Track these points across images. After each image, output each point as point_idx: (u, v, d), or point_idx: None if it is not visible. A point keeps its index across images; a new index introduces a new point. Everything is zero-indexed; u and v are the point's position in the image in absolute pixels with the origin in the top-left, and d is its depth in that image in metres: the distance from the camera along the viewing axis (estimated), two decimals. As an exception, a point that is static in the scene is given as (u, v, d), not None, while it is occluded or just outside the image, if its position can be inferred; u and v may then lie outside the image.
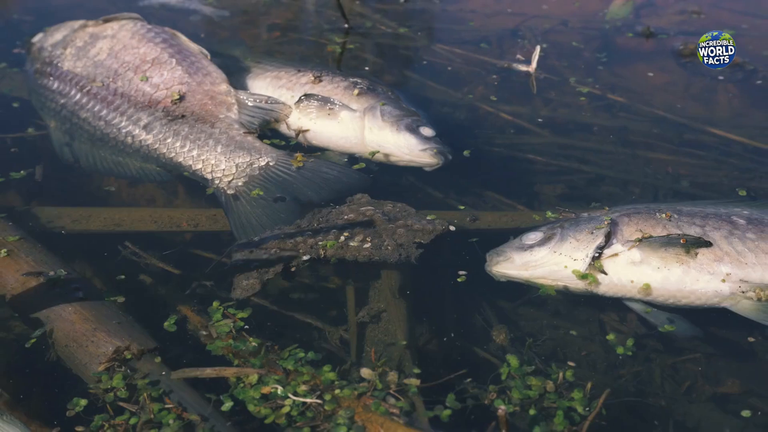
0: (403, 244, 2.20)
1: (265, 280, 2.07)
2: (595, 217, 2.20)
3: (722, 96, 3.34)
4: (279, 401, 1.75)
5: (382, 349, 1.93)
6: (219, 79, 2.88)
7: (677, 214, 2.15)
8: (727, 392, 1.94)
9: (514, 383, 1.80)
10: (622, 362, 1.96)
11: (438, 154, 2.54)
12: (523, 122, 3.05)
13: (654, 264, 2.08)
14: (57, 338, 1.90)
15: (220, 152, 2.52)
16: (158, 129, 2.67)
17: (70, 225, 2.38)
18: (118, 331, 1.89)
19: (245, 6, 4.02)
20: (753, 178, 2.65)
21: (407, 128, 2.63)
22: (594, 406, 1.75)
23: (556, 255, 2.14)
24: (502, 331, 2.04)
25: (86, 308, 1.94)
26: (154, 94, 2.82)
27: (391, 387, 1.79)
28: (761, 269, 2.07)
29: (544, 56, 3.51)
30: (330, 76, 2.91)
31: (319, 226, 2.21)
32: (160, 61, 2.93)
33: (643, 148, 2.83)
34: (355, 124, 2.71)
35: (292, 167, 2.43)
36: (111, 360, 1.82)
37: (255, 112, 2.79)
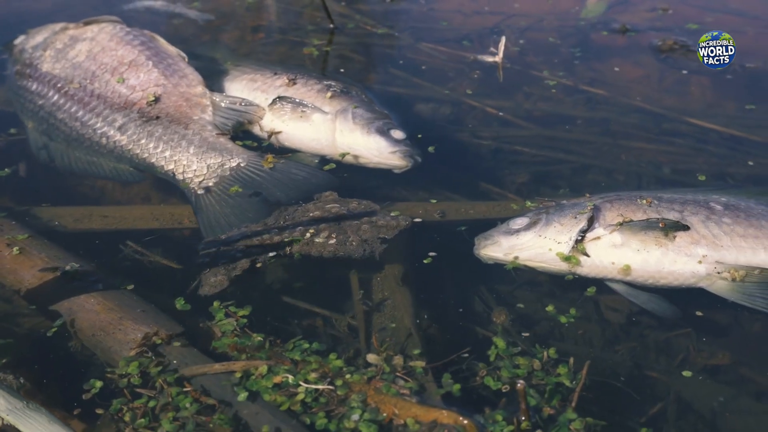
0: (368, 240, 2.26)
1: (232, 276, 2.12)
2: (578, 203, 2.30)
3: (695, 88, 3.51)
4: (292, 389, 1.80)
5: (387, 335, 2.00)
6: (195, 81, 2.94)
7: (657, 200, 2.27)
8: (718, 364, 2.05)
9: (503, 363, 1.89)
10: (618, 339, 2.08)
11: (407, 156, 2.61)
12: (507, 116, 3.19)
13: (634, 246, 2.18)
14: (82, 328, 1.96)
15: (192, 153, 2.57)
16: (132, 130, 2.72)
17: (72, 224, 2.41)
18: (144, 318, 1.96)
19: (229, 9, 4.11)
20: (730, 164, 2.78)
21: (378, 131, 2.69)
22: (579, 379, 1.86)
23: (541, 239, 2.24)
24: (502, 313, 2.12)
25: (109, 299, 2.01)
26: (130, 95, 2.88)
27: (398, 370, 1.85)
28: (735, 251, 2.20)
29: (524, 53, 3.62)
30: (305, 79, 2.99)
31: (285, 224, 2.28)
32: (137, 63, 2.98)
33: (625, 137, 2.92)
34: (327, 127, 2.77)
35: (263, 168, 2.49)
36: (141, 345, 1.91)
37: (229, 114, 2.85)
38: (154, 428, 1.72)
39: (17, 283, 2.09)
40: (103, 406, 1.77)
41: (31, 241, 2.23)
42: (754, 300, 2.09)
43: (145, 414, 1.73)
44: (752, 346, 2.06)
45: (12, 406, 1.59)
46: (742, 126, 3.09)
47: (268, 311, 2.07)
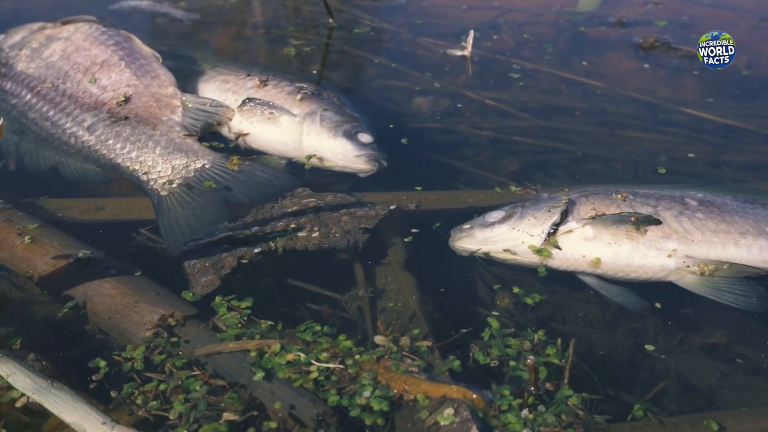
0: (350, 231, 2.40)
1: (222, 275, 2.24)
2: (555, 197, 2.47)
3: (689, 80, 3.74)
4: (304, 368, 1.93)
5: (394, 318, 2.14)
6: (167, 82, 3.07)
7: (633, 195, 2.41)
8: (716, 342, 2.21)
9: (494, 342, 2.04)
10: (618, 320, 2.25)
11: (372, 160, 2.74)
12: (505, 107, 3.38)
13: (605, 240, 2.30)
14: (98, 312, 2.10)
15: (158, 154, 2.69)
16: (101, 130, 2.84)
17: (79, 215, 2.54)
18: (159, 301, 2.10)
19: (215, 9, 4.35)
20: (725, 152, 2.95)
21: (344, 134, 2.81)
22: (567, 357, 2.00)
23: (514, 231, 2.37)
24: (505, 297, 2.29)
25: (123, 283, 2.15)
26: (100, 95, 3.00)
27: (404, 350, 2.00)
28: (706, 246, 2.31)
29: (522, 47, 3.76)
30: (276, 81, 3.12)
31: (265, 220, 2.44)
32: (110, 63, 3.10)
33: (621, 128, 3.07)
34: (294, 129, 2.88)
35: (227, 170, 2.62)
36: (157, 326, 2.03)
37: (198, 115, 2.95)
38: (166, 410, 1.84)
39: (31, 271, 2.23)
40: (117, 389, 1.92)
41: (42, 231, 2.38)
42: (722, 295, 2.24)
43: (157, 397, 1.87)
44: (747, 326, 2.24)
45: (37, 385, 1.67)
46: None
47: (272, 300, 2.23)
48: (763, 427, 1.89)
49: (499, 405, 1.82)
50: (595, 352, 2.09)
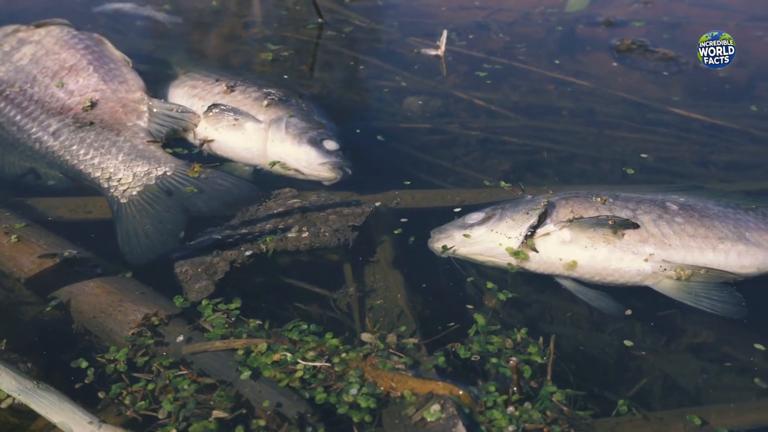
0: (339, 229, 2.48)
1: (216, 280, 2.32)
2: (535, 199, 2.56)
3: (674, 78, 3.84)
4: (291, 367, 1.99)
5: (381, 315, 2.23)
6: (135, 87, 3.15)
7: (614, 199, 2.49)
8: (703, 342, 2.30)
9: (477, 339, 2.13)
10: (605, 321, 2.34)
11: (336, 168, 2.81)
12: (495, 107, 3.48)
13: (582, 243, 2.36)
14: (83, 311, 2.18)
15: (120, 161, 2.77)
16: (65, 136, 2.91)
17: (68, 214, 2.62)
18: (143, 300, 2.19)
19: (198, 12, 4.49)
20: (712, 152, 3.03)
21: (309, 141, 2.86)
22: (548, 354, 2.08)
23: (492, 233, 2.44)
24: (493, 297, 2.39)
25: (108, 282, 2.24)
26: (67, 100, 3.07)
27: (391, 347, 2.08)
28: (683, 251, 2.37)
29: (511, 47, 3.84)
30: (244, 86, 3.17)
31: (252, 222, 2.52)
32: (78, 67, 3.16)
33: (610, 127, 3.15)
34: (259, 136, 2.92)
35: (188, 178, 2.68)
36: (140, 325, 2.11)
37: (164, 121, 3.01)
38: (155, 409, 1.90)
39: (17, 270, 2.32)
40: (105, 390, 1.98)
41: (29, 230, 2.47)
42: (699, 300, 2.32)
43: (145, 396, 1.94)
44: (733, 325, 2.32)
45: (23, 386, 1.69)
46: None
47: (260, 300, 2.30)
48: (747, 420, 1.99)
49: (484, 401, 1.87)
50: (581, 351, 2.26)
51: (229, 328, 2.11)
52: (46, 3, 4.38)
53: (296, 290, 2.36)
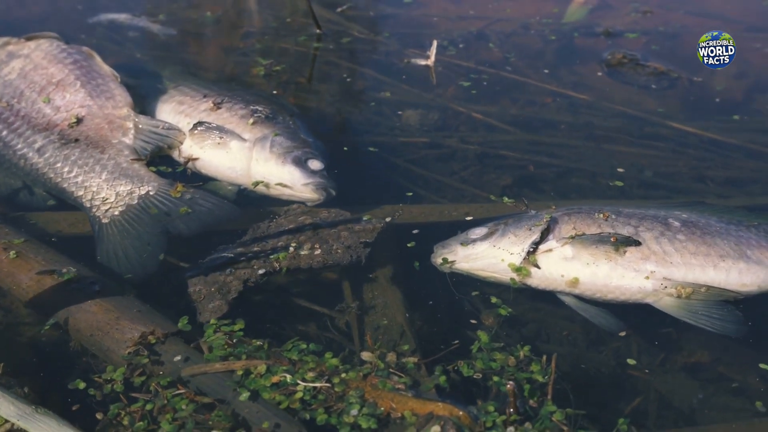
0: (351, 246, 2.51)
1: (230, 299, 2.35)
2: (537, 214, 2.60)
3: (670, 92, 3.89)
4: (291, 388, 2.03)
5: (381, 333, 2.27)
6: (122, 103, 3.18)
7: (616, 215, 2.53)
8: (698, 361, 2.36)
9: (481, 355, 2.17)
10: (602, 339, 2.39)
11: (319, 189, 2.83)
12: (493, 120, 3.53)
13: (584, 260, 2.40)
14: (81, 329, 2.22)
15: (103, 179, 2.80)
16: (50, 153, 2.94)
17: (67, 229, 2.67)
18: (140, 318, 2.23)
19: (193, 23, 4.55)
20: (709, 167, 2.98)
21: (293, 161, 2.88)
22: (550, 373, 2.11)
23: (495, 249, 2.48)
24: (490, 316, 2.44)
25: (106, 300, 2.28)
26: (53, 116, 3.10)
27: (391, 366, 2.12)
28: (684, 268, 2.41)
29: (509, 57, 3.88)
30: (231, 103, 3.18)
31: (264, 241, 2.55)
32: (65, 83, 3.19)
33: (607, 141, 3.15)
34: (243, 155, 2.94)
35: (170, 198, 2.71)
36: (137, 344, 2.14)
37: (150, 138, 3.03)
38: (154, 430, 1.93)
39: (15, 287, 2.36)
40: (103, 410, 2.01)
41: (28, 245, 2.51)
42: (698, 318, 2.36)
43: (144, 417, 1.98)
44: (730, 345, 2.38)
45: (22, 411, 1.72)
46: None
47: (261, 319, 2.34)
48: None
49: (483, 421, 1.90)
50: (579, 371, 2.29)
51: (229, 348, 2.16)
52: (41, 13, 4.47)
53: (296, 307, 2.41)
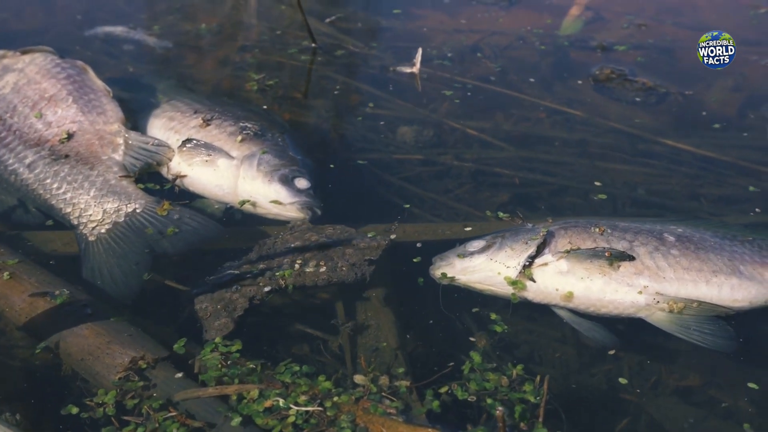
0: (356, 263, 2.53)
1: (235, 317, 2.37)
2: (534, 228, 2.64)
3: (659, 107, 3.88)
4: (283, 412, 2.04)
5: (373, 356, 2.30)
6: (113, 118, 3.20)
7: (611, 229, 2.56)
8: (690, 385, 2.38)
9: (473, 376, 2.19)
10: (594, 362, 2.42)
11: (305, 208, 2.85)
12: (486, 137, 3.54)
13: (579, 274, 2.44)
14: (72, 353, 2.23)
15: (91, 196, 2.82)
16: (40, 169, 2.96)
17: (62, 248, 2.68)
18: (131, 342, 2.24)
19: (189, 37, 4.54)
20: (702, 185, 2.98)
21: (280, 180, 2.89)
22: (542, 394, 2.14)
23: (492, 262, 2.51)
24: (482, 337, 2.45)
25: (97, 323, 2.29)
26: (44, 132, 3.12)
27: (384, 390, 2.14)
28: (677, 283, 2.45)
29: (504, 72, 4.15)
30: (221, 120, 3.19)
31: (270, 258, 2.56)
32: (58, 98, 3.21)
33: (601, 159, 3.10)
34: (231, 173, 2.95)
35: (156, 216, 2.73)
36: (127, 369, 2.15)
37: (140, 154, 3.05)
38: None
39: (8, 309, 2.37)
40: None
41: (22, 266, 2.52)
42: (690, 333, 2.39)
43: None
44: (721, 368, 2.40)
45: None
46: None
47: (258, 339, 2.36)
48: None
49: (474, 446, 1.94)
50: (571, 393, 2.29)
51: (223, 369, 2.18)
52: (39, 26, 4.48)
53: (290, 328, 2.42)
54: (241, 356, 2.22)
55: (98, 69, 3.47)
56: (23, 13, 4.67)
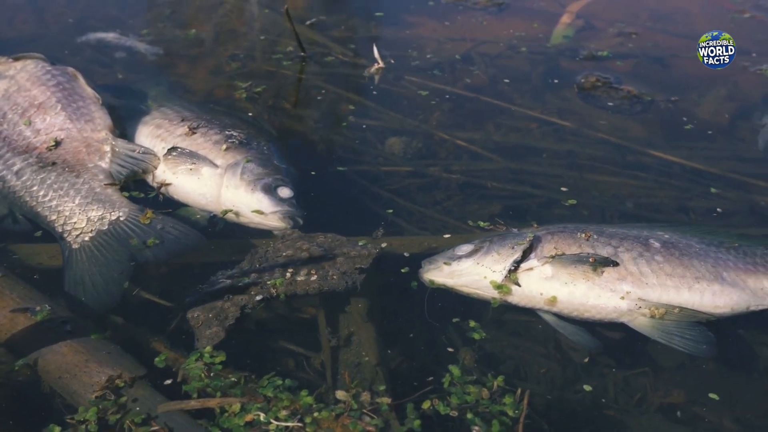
0: (347, 272, 2.53)
1: (227, 326, 2.37)
2: (521, 233, 2.65)
3: (653, 115, 3.90)
4: (263, 427, 2.04)
5: (355, 371, 2.29)
6: (101, 126, 3.19)
7: (598, 235, 2.58)
8: (674, 402, 2.38)
9: (454, 390, 2.20)
10: (579, 377, 2.42)
11: (286, 218, 2.84)
12: (476, 148, 3.53)
13: (563, 279, 2.46)
14: (50, 370, 2.22)
15: (76, 204, 2.82)
16: (27, 176, 2.96)
17: (48, 261, 2.67)
18: (108, 360, 2.23)
19: (179, 43, 4.53)
20: (691, 197, 2.93)
21: (263, 189, 2.89)
22: (521, 409, 2.15)
23: (478, 266, 2.53)
24: (467, 353, 2.45)
25: (76, 341, 2.27)
26: (33, 139, 3.11)
27: (365, 407, 2.14)
28: (660, 289, 2.46)
29: (494, 82, 4.13)
30: (207, 128, 3.19)
31: (262, 267, 2.57)
32: (47, 105, 3.21)
33: (590, 171, 3.04)
34: (214, 182, 2.95)
35: (139, 224, 2.73)
36: (104, 388, 2.13)
37: (126, 162, 3.05)
38: None
39: None
40: None
41: (4, 281, 2.50)
42: (672, 338, 2.40)
43: None
44: (706, 385, 2.40)
45: None
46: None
47: (244, 350, 2.36)
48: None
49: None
50: (555, 408, 2.32)
51: (206, 380, 2.18)
52: (32, 33, 4.48)
53: (274, 342, 2.41)
54: (225, 368, 2.22)
55: (89, 75, 3.46)
56: (15, 20, 4.66)
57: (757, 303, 2.51)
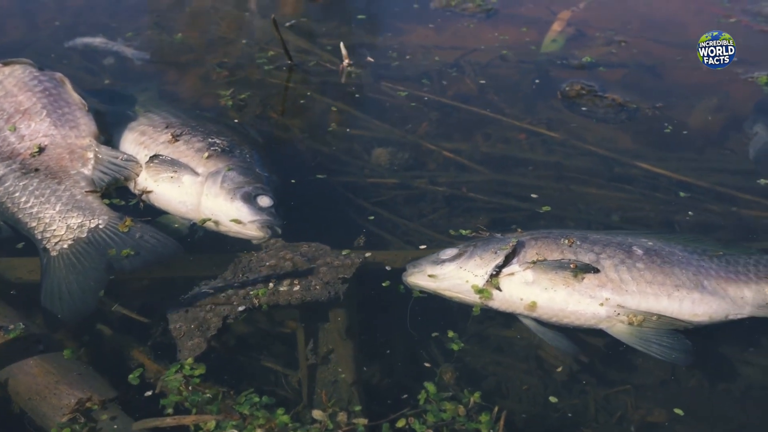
0: (330, 282, 2.53)
1: (209, 337, 2.37)
2: (505, 238, 2.66)
3: (642, 125, 3.86)
4: None
5: (332, 390, 2.29)
6: (85, 132, 3.20)
7: (581, 241, 2.58)
8: (655, 421, 2.36)
9: (430, 407, 2.19)
10: (561, 394, 2.39)
11: (264, 227, 2.83)
12: (463, 159, 3.50)
13: (543, 285, 2.48)
14: (20, 392, 2.20)
15: (57, 211, 2.81)
16: (10, 182, 2.96)
17: (27, 276, 2.65)
18: (79, 382, 2.20)
19: (166, 48, 4.52)
20: (677, 211, 2.90)
21: (242, 197, 2.88)
22: (497, 429, 2.13)
23: (461, 270, 2.55)
24: (448, 370, 2.44)
25: (48, 361, 2.26)
26: (17, 145, 3.12)
27: (341, 427, 2.12)
28: (639, 297, 2.47)
29: (483, 91, 4.08)
30: (189, 136, 3.18)
31: (245, 277, 2.56)
32: (32, 111, 3.21)
33: (577, 183, 2.98)
34: (194, 190, 2.95)
35: (118, 232, 2.72)
36: (73, 411, 2.10)
37: (108, 169, 3.05)
38: None
39: None
40: None
41: None
42: (650, 346, 2.40)
43: None
44: (688, 403, 2.37)
45: None
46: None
47: (223, 364, 2.35)
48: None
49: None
50: (535, 427, 2.22)
51: (184, 393, 2.17)
52: (21, 39, 4.46)
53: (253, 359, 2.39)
54: (203, 382, 2.21)
55: (77, 81, 3.44)
56: (5, 25, 4.66)
57: (736, 312, 2.51)
